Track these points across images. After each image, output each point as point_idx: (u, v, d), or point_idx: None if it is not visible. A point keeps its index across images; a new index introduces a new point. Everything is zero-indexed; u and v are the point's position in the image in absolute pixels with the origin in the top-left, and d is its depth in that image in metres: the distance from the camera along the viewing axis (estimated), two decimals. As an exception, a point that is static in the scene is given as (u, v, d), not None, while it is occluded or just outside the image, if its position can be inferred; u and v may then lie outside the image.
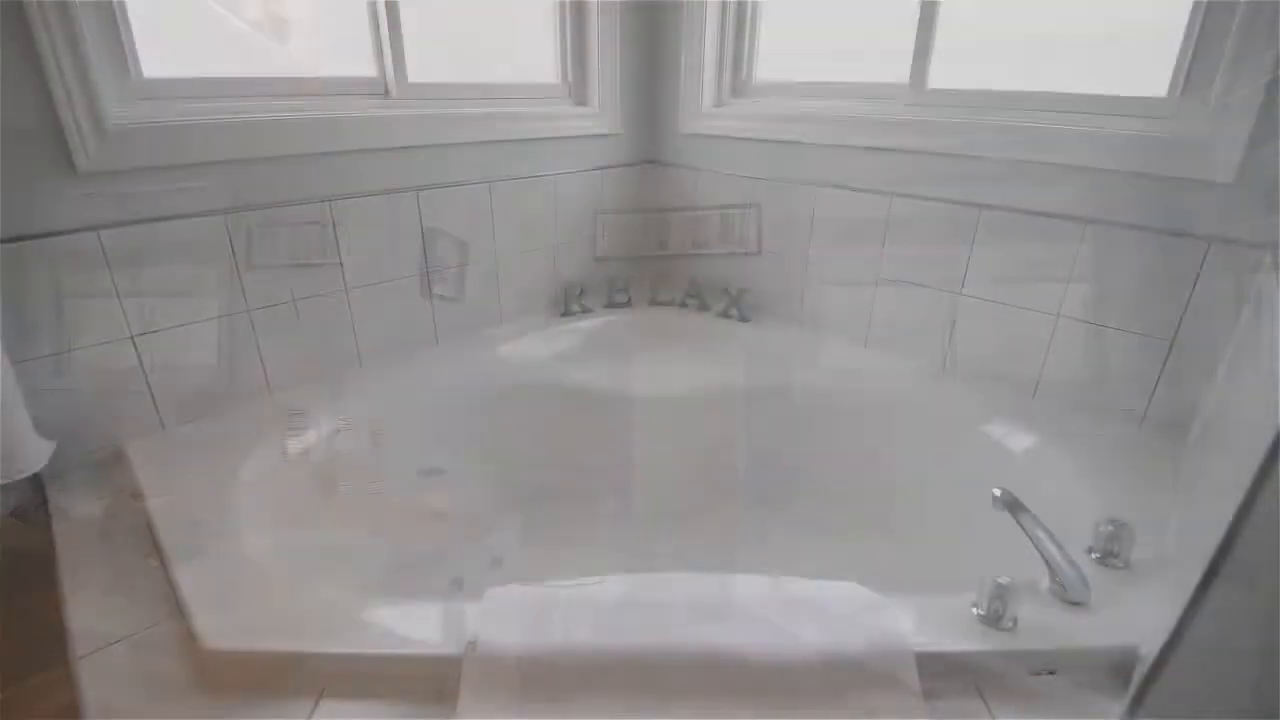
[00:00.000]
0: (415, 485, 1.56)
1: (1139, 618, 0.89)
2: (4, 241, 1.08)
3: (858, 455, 1.64)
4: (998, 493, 0.98)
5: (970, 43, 1.50)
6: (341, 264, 1.48)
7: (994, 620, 0.87)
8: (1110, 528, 0.98)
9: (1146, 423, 1.36)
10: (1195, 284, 1.26)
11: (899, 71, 1.60)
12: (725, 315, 1.96)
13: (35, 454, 1.05)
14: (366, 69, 1.51)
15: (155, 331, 1.26)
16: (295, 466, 1.31)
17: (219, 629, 0.84)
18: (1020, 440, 1.38)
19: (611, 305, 2.02)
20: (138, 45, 1.20)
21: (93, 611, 0.91)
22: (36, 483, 1.19)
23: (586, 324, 1.93)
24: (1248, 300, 1.21)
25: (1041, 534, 0.93)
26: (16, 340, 1.12)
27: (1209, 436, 1.13)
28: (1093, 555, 1.00)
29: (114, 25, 1.16)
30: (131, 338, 1.24)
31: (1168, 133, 1.24)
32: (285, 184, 1.36)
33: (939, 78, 1.55)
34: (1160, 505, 1.13)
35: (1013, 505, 0.96)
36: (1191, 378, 1.30)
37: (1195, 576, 0.72)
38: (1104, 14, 1.34)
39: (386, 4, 1.46)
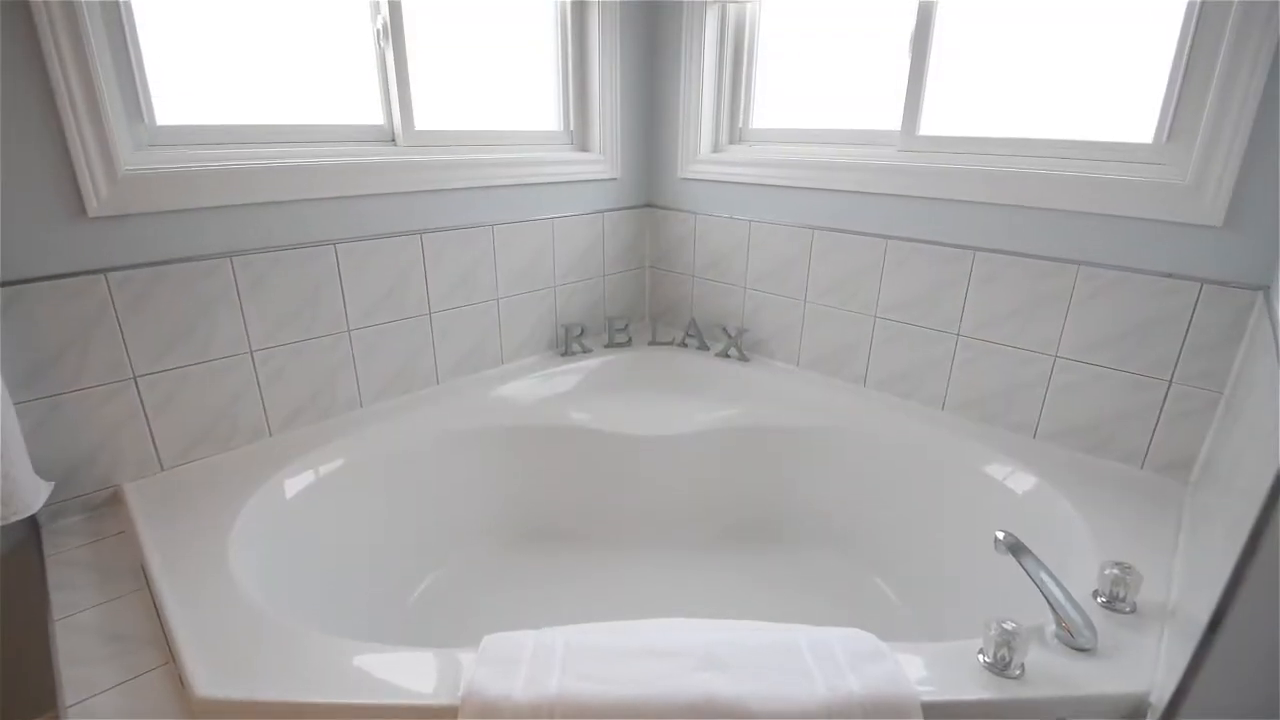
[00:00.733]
0: (415, 525, 1.55)
1: (1148, 664, 0.87)
2: (11, 284, 1.09)
3: (860, 496, 1.63)
4: (1000, 535, 0.97)
5: (959, 91, 1.54)
6: (344, 305, 1.50)
7: (1001, 668, 0.85)
8: (1115, 571, 0.97)
9: (1148, 463, 1.36)
10: (1189, 325, 1.27)
11: (891, 119, 1.64)
12: (725, 355, 1.97)
13: (33, 495, 1.05)
14: (374, 117, 1.55)
15: (158, 372, 1.27)
16: (293, 510, 1.30)
17: (211, 678, 0.83)
18: (1022, 481, 1.37)
19: (611, 345, 2.03)
20: (152, 93, 1.24)
21: (84, 657, 0.89)
22: (32, 524, 1.18)
23: (586, 364, 1.94)
24: (1243, 341, 1.22)
25: (1045, 577, 0.92)
26: (19, 381, 1.13)
27: (1211, 477, 1.12)
28: (1099, 599, 0.98)
29: (130, 75, 1.20)
30: (134, 378, 1.24)
31: (1155, 178, 1.27)
32: (291, 227, 1.38)
33: (930, 125, 1.59)
34: (1165, 547, 1.12)
35: (1016, 548, 0.95)
36: (1191, 418, 1.30)
37: (1203, 621, 0.71)
38: (1091, 62, 1.38)
39: (395, 57, 1.51)
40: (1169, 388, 1.31)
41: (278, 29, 1.38)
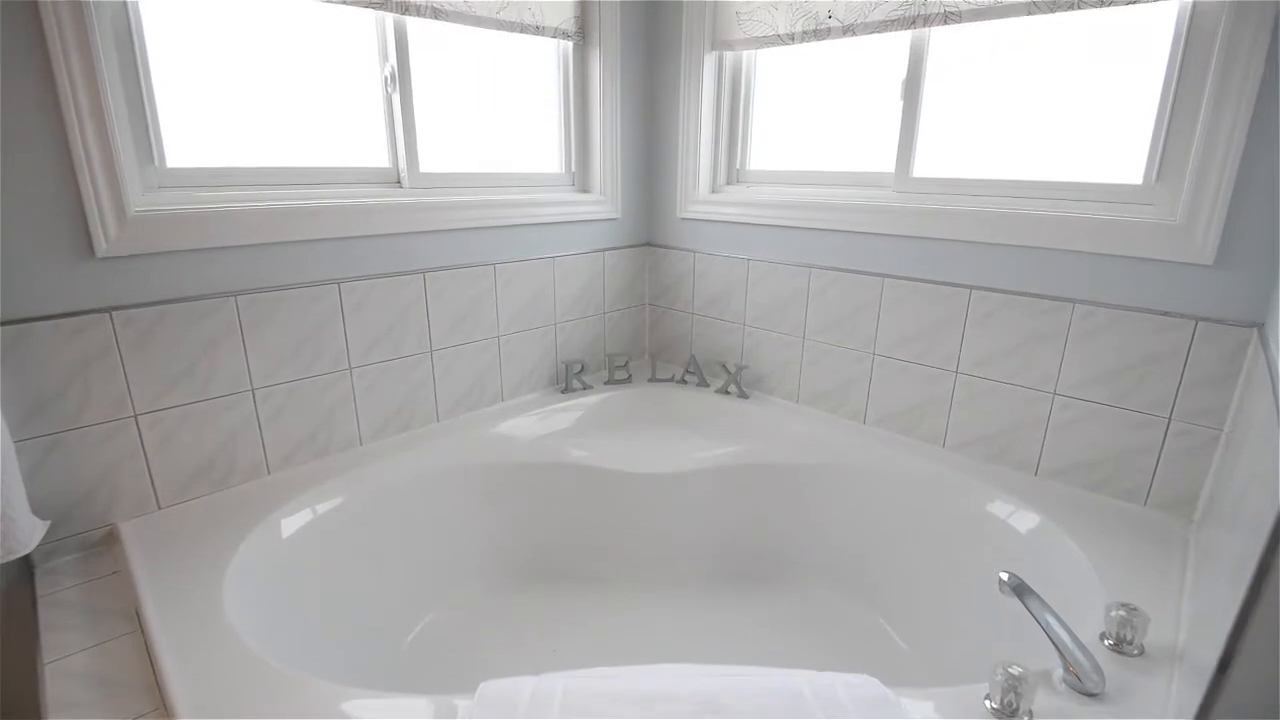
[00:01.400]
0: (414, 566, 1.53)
1: (1158, 708, 0.85)
2: (16, 322, 1.10)
3: (862, 534, 1.62)
4: (1004, 576, 0.96)
5: (951, 134, 1.58)
6: (346, 343, 1.51)
7: (1009, 714, 0.83)
8: (1122, 613, 0.96)
9: (1151, 501, 1.35)
10: (1186, 362, 1.28)
11: (885, 161, 1.68)
12: (724, 391, 1.98)
13: (29, 534, 1.04)
14: (381, 160, 1.59)
15: (159, 410, 1.27)
16: (290, 549, 1.28)
17: (202, 723, 0.81)
18: (1025, 520, 1.36)
19: (611, 382, 2.04)
20: (164, 136, 1.27)
21: (73, 701, 0.87)
22: (25, 563, 1.17)
23: (586, 400, 1.94)
24: (1240, 378, 1.22)
25: (1051, 619, 0.91)
26: (20, 419, 1.13)
27: (1214, 515, 1.12)
28: (1106, 642, 0.97)
29: (143, 119, 1.23)
30: (134, 416, 1.24)
31: (1146, 218, 1.29)
32: (296, 267, 1.40)
33: (923, 167, 1.62)
34: (1171, 587, 1.11)
35: (1020, 589, 0.94)
36: (1192, 455, 1.30)
37: (1211, 663, 0.70)
38: (1080, 105, 1.41)
39: (402, 102, 1.55)
40: (1169, 424, 1.31)
41: (288, 74, 1.42)
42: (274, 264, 1.37)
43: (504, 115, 1.82)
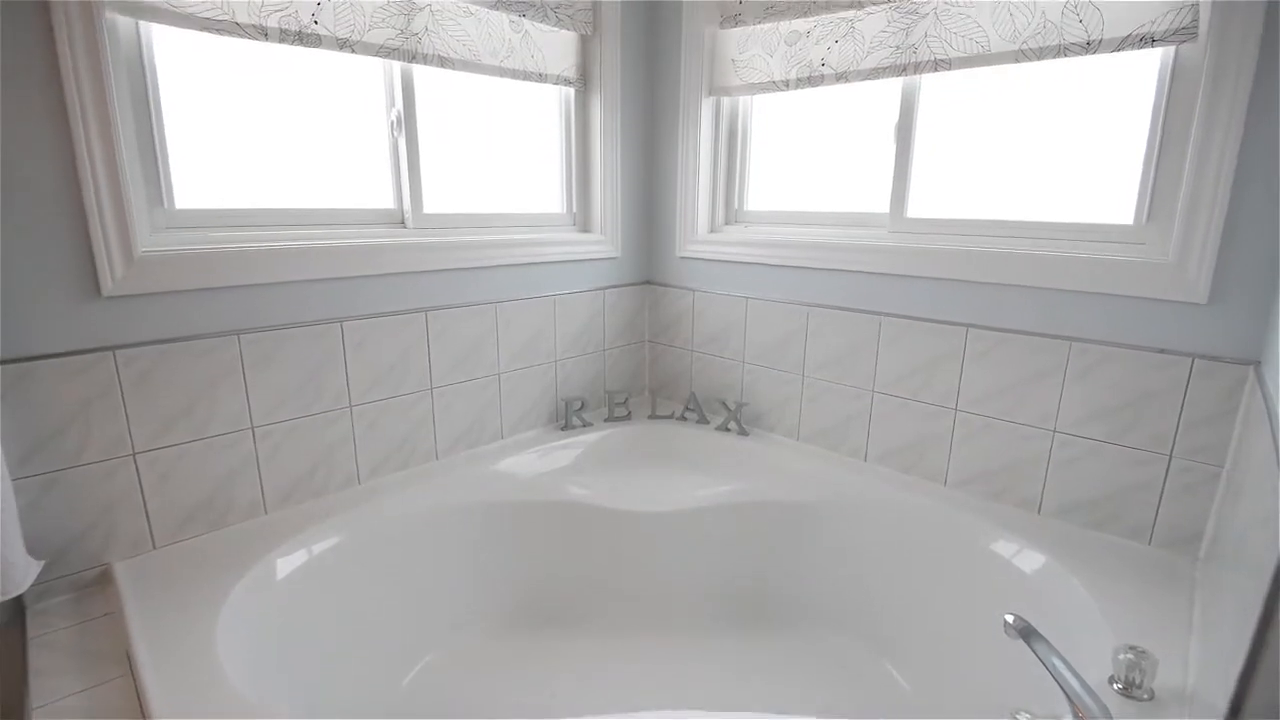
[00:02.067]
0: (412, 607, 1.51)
1: (1171, 757, 0.83)
2: (19, 360, 1.11)
3: (866, 574, 1.60)
4: (1010, 619, 0.95)
5: (944, 175, 1.61)
6: (347, 382, 1.51)
7: (1017, 760, 0.81)
8: (1130, 655, 0.94)
9: (1155, 539, 1.34)
10: (1184, 399, 1.28)
11: (880, 201, 1.71)
12: (724, 429, 1.97)
13: (23, 575, 1.03)
14: (385, 202, 1.62)
15: (158, 449, 1.27)
16: (285, 590, 1.27)
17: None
18: (1030, 560, 1.35)
19: (611, 419, 2.04)
20: (173, 178, 1.29)
21: (58, 751, 0.85)
22: (17, 604, 1.16)
23: (586, 438, 1.94)
24: (1239, 415, 1.23)
25: (1058, 663, 0.89)
26: (20, 456, 1.13)
27: (1219, 554, 1.11)
28: (1115, 685, 0.95)
29: (154, 162, 1.26)
30: (133, 455, 1.24)
31: (1138, 257, 1.31)
32: (300, 306, 1.42)
33: (917, 207, 1.65)
34: (1179, 627, 1.09)
35: (1026, 632, 0.93)
36: (1194, 493, 1.29)
37: (1222, 708, 0.69)
38: (1071, 147, 1.44)
39: (407, 145, 1.59)
40: (1169, 462, 1.31)
41: (297, 118, 1.45)
42: (278, 303, 1.39)
43: (507, 157, 1.87)
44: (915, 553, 1.52)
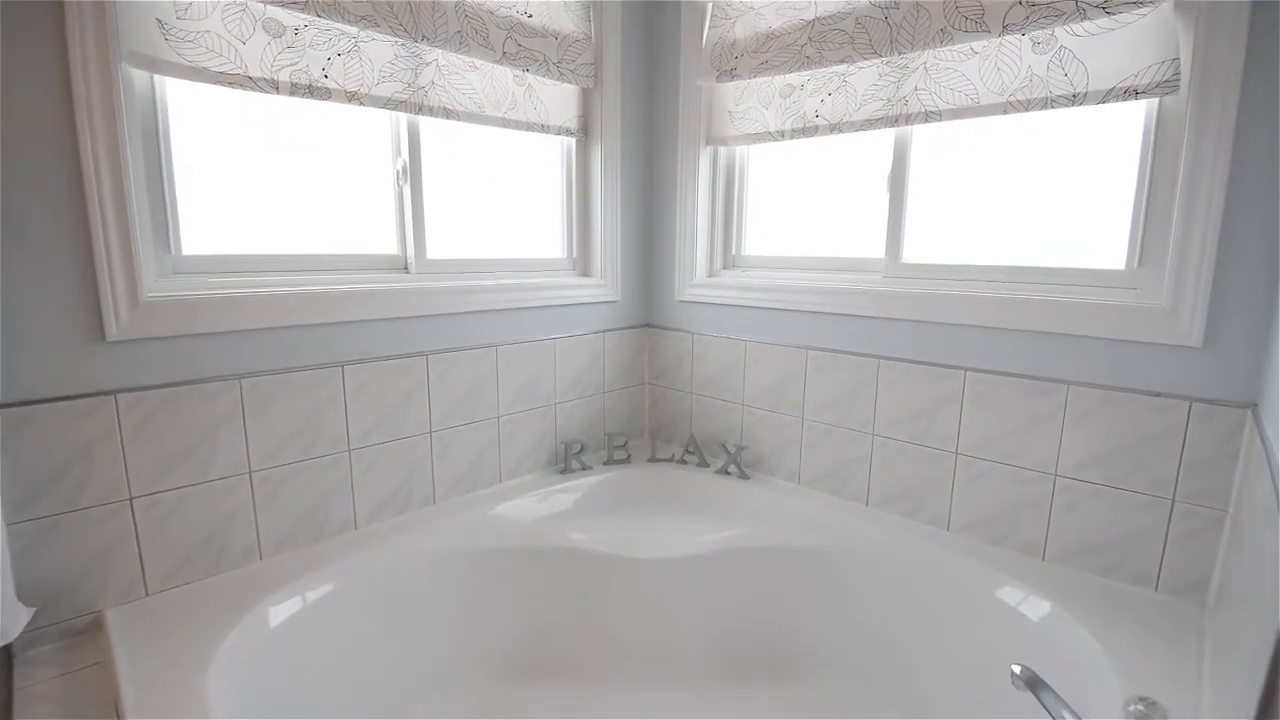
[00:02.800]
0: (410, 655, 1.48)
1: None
2: (21, 404, 1.12)
3: (869, 623, 1.57)
4: (1017, 669, 0.93)
5: (938, 222, 1.64)
6: (346, 425, 1.51)
7: (1027, 819, 0.79)
8: (1140, 707, 0.92)
9: (1162, 585, 1.32)
10: (1184, 443, 1.28)
11: (876, 246, 1.74)
12: (724, 472, 1.96)
13: (12, 622, 1.01)
14: (389, 247, 1.65)
15: (155, 494, 1.26)
16: (278, 639, 1.25)
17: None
18: (1036, 607, 1.32)
19: (611, 462, 2.03)
20: (181, 225, 1.32)
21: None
22: (5, 652, 1.13)
23: (585, 481, 1.92)
24: (1239, 459, 1.22)
25: (1068, 715, 0.87)
26: (17, 501, 1.12)
27: (1226, 601, 1.09)
28: (1126, 739, 0.92)
29: (163, 208, 1.29)
30: (130, 500, 1.24)
31: (1131, 301, 1.33)
32: (302, 350, 1.43)
33: (912, 252, 1.68)
34: (1189, 678, 1.07)
35: (1034, 683, 0.91)
36: (1198, 538, 1.28)
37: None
38: (1062, 194, 1.48)
39: (412, 194, 1.62)
40: (1172, 506, 1.30)
41: (304, 166, 1.49)
42: (280, 347, 1.40)
43: (509, 203, 1.91)
44: (920, 600, 1.50)
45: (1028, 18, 1.33)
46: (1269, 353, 1.15)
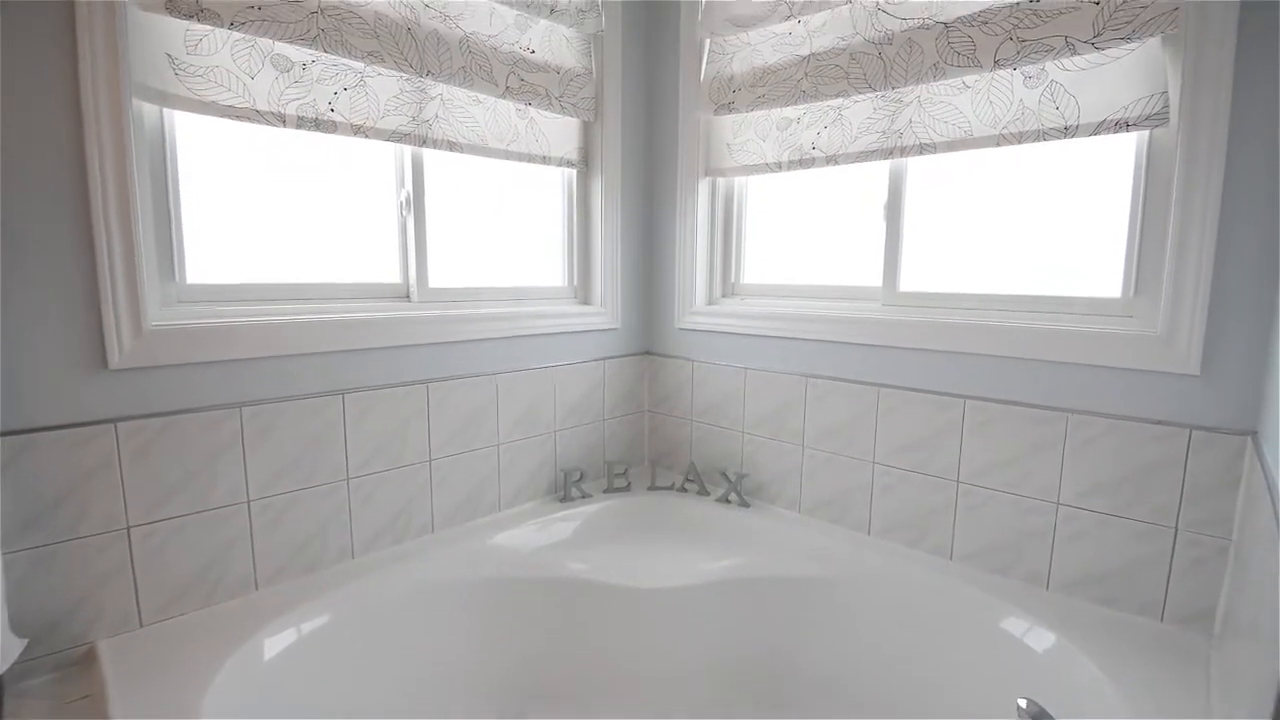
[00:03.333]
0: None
1: None
2: (21, 432, 1.12)
3: (872, 654, 1.54)
4: (1023, 704, 0.92)
5: (935, 250, 1.66)
6: (346, 454, 1.51)
7: None
8: (1148, 741, 0.90)
9: (1167, 615, 1.31)
10: (1185, 471, 1.28)
11: (873, 275, 1.75)
12: (725, 500, 1.95)
13: (5, 654, 1.00)
14: (392, 276, 1.66)
15: (152, 523, 1.26)
16: (272, 672, 1.23)
17: None
18: (1041, 638, 1.31)
19: (611, 490, 2.02)
20: (187, 254, 1.34)
21: None
22: (-5, 688, 1.12)
23: (585, 509, 1.91)
24: (1241, 487, 1.22)
25: (1074, 749, 0.86)
26: (14, 530, 1.12)
27: (1232, 632, 1.08)
28: (1135, 775, 0.91)
29: (169, 237, 1.30)
30: (128, 529, 1.23)
31: (1128, 329, 1.34)
32: (304, 378, 1.43)
33: (910, 280, 1.70)
34: (1196, 710, 1.05)
35: (1040, 717, 0.90)
36: (1203, 567, 1.27)
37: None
38: (1058, 223, 1.49)
39: (415, 224, 1.65)
40: (1175, 535, 1.29)
41: (309, 196, 1.51)
42: (282, 376, 1.40)
43: (510, 232, 1.93)
44: (924, 631, 1.48)
45: (1018, 53, 1.36)
46: (1268, 380, 1.15)
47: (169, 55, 1.23)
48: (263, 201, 1.45)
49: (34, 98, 1.08)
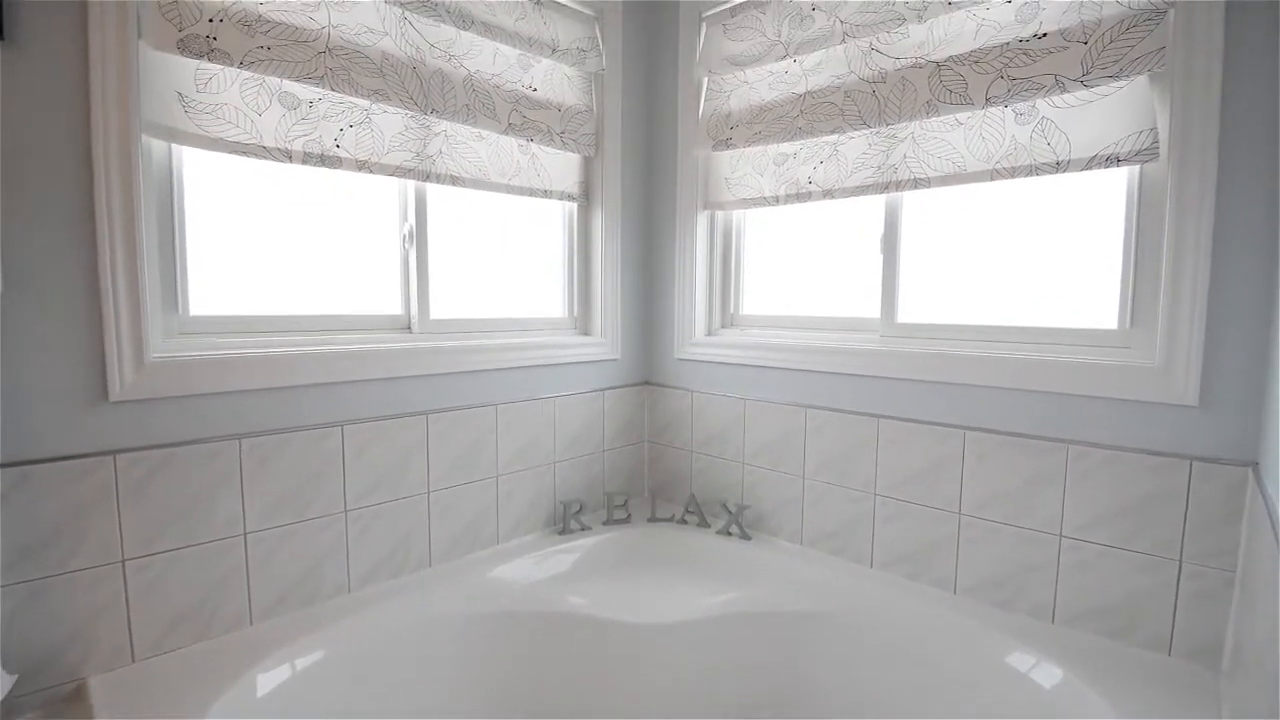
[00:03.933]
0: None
1: None
2: (20, 464, 1.11)
3: (875, 690, 1.51)
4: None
5: (932, 283, 1.68)
6: (344, 486, 1.50)
7: None
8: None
9: (1175, 649, 1.29)
10: (1188, 502, 1.27)
11: (871, 306, 1.77)
12: (725, 533, 1.94)
13: (-8, 693, 0.98)
14: (393, 308, 1.67)
15: (148, 556, 1.24)
16: (264, 710, 1.20)
17: None
18: (1048, 674, 1.28)
19: (610, 522, 2.00)
20: (190, 287, 1.35)
21: None
22: (-19, 727, 1.09)
23: (585, 542, 1.89)
24: (1243, 518, 1.21)
25: (1084, 789, 0.84)
26: (9, 562, 1.10)
27: (1241, 666, 1.06)
28: (1148, 816, 0.88)
29: (173, 271, 1.32)
30: (122, 562, 1.22)
31: (1126, 361, 1.34)
32: (304, 410, 1.43)
33: (907, 312, 1.71)
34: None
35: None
36: (1209, 599, 1.25)
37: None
38: (1054, 254, 1.51)
39: (417, 257, 1.66)
40: (1180, 566, 1.28)
41: (312, 229, 1.53)
42: (282, 407, 1.40)
43: (511, 264, 1.95)
44: (929, 666, 1.45)
45: (1009, 90, 1.40)
46: (1267, 410, 1.15)
47: (179, 93, 1.26)
48: (267, 234, 1.47)
49: (46, 131, 1.11)
